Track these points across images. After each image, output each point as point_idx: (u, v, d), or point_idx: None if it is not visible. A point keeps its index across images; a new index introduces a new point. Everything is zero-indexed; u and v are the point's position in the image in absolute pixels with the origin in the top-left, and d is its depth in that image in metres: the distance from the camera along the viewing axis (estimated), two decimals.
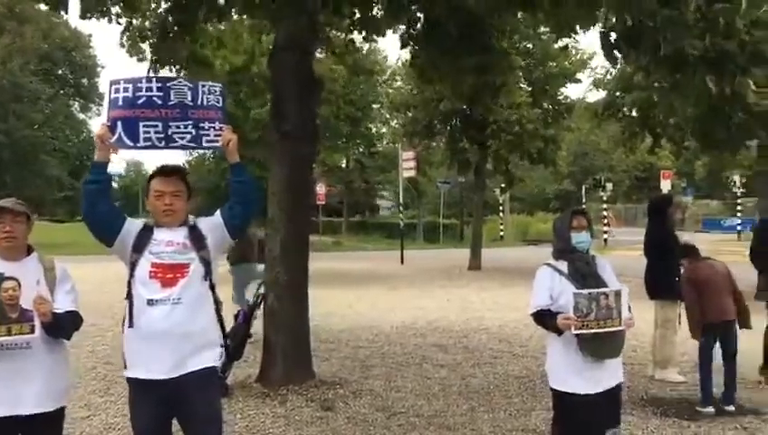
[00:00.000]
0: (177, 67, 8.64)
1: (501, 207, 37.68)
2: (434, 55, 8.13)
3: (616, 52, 5.59)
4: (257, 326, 6.85)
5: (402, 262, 21.75)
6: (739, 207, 35.56)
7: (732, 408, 5.73)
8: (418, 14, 7.89)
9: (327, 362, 7.64)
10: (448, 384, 6.73)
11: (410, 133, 22.35)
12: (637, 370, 7.17)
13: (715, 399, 5.80)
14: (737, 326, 5.99)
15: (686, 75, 5.56)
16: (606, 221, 31.79)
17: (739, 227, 34.13)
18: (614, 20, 5.10)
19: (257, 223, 8.33)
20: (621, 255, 19.99)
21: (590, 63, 20.56)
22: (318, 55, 12.92)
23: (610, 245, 28.31)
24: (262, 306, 6.75)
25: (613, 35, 5.46)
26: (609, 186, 33.32)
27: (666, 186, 28.78)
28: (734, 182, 34.54)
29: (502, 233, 36.45)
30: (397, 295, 14.12)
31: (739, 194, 35.03)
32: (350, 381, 6.77)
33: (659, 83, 6.53)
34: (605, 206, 32.43)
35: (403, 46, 8.61)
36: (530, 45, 19.53)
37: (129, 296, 3.24)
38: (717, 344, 5.94)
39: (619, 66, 10.17)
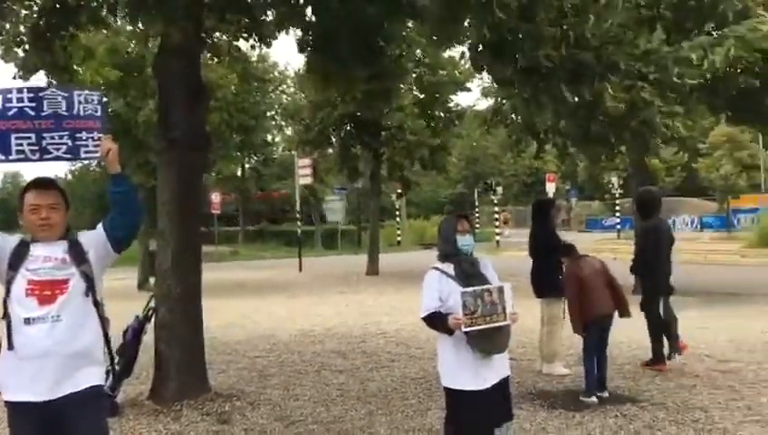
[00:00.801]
0: (48, 75, 8.23)
1: (397, 213, 38.26)
2: (327, 61, 8.17)
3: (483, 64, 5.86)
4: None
5: (301, 270, 21.65)
6: (617, 208, 37.82)
7: (606, 394, 6.10)
8: (312, 19, 7.90)
9: (223, 375, 7.49)
10: (347, 389, 6.77)
11: (304, 141, 22.30)
12: (525, 365, 7.48)
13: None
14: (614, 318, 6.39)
15: (545, 85, 5.92)
16: (498, 223, 33.00)
17: (618, 226, 36.29)
18: (484, 34, 5.33)
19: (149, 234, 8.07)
20: (512, 255, 20.80)
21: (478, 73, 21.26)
22: (209, 62, 12.69)
23: (502, 246, 29.34)
24: (153, 320, 6.54)
25: (481, 48, 5.71)
26: (500, 189, 34.60)
27: (551, 189, 30.21)
28: (613, 184, 36.73)
29: (399, 238, 36.98)
30: (295, 304, 14.04)
31: (617, 195, 37.28)
32: (248, 393, 6.68)
33: (520, 94, 6.89)
34: (496, 208, 33.63)
35: (301, 51, 8.60)
36: (420, 53, 19.96)
37: (6, 316, 3.08)
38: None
39: None
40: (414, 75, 19.01)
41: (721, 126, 36.87)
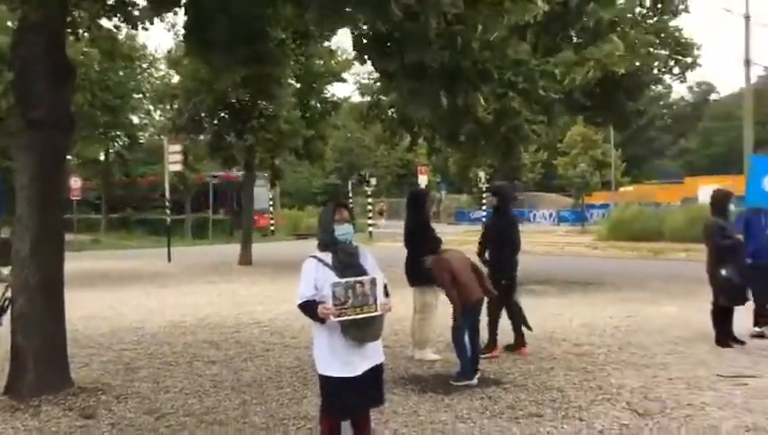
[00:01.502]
0: None
1: (271, 202, 37.80)
2: (205, 45, 7.92)
3: (367, 56, 5.97)
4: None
5: (170, 259, 20.89)
6: (484, 201, 39.47)
7: (475, 382, 6.42)
8: None
9: (87, 368, 7.14)
10: (220, 380, 6.67)
11: (176, 126, 21.47)
12: (398, 352, 7.70)
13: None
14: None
15: (424, 85, 6.14)
16: (372, 214, 33.45)
17: (484, 219, 37.86)
18: (364, 26, 5.41)
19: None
20: (386, 246, 21.23)
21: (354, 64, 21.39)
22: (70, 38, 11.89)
23: (376, 237, 29.80)
24: (9, 311, 6.12)
25: (366, 39, 5.80)
26: (373, 181, 35.08)
27: (422, 181, 31.01)
28: (480, 178, 38.29)
29: (272, 227, 36.56)
30: (164, 294, 13.56)
31: (484, 189, 38.90)
32: (114, 386, 6.41)
33: (399, 89, 7.07)
34: (370, 200, 34.07)
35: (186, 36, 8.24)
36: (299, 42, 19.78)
37: None
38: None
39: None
40: (292, 63, 18.80)
41: (577, 126, 39.44)
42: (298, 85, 20.49)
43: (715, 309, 8.04)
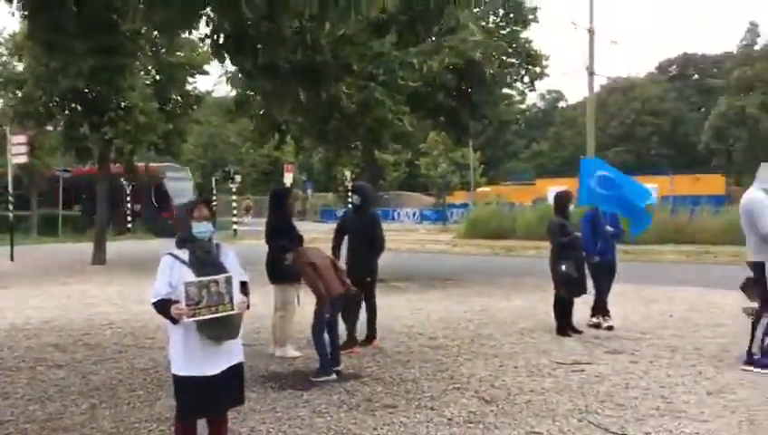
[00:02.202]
0: None
1: (128, 198, 36.07)
2: (48, 29, 7.45)
3: (225, 53, 5.91)
4: None
5: (12, 258, 19.40)
6: (349, 199, 39.90)
7: (333, 377, 6.53)
8: None
9: None
10: (66, 385, 6.34)
11: (21, 114, 19.92)
12: (259, 350, 7.67)
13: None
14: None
15: (282, 83, 6.19)
16: (237, 211, 32.80)
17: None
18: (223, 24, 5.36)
19: None
20: (251, 243, 20.90)
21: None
22: None
23: (241, 234, 29.28)
24: None
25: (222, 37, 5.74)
26: (238, 178, 34.37)
27: (288, 179, 30.86)
28: (346, 176, 38.65)
29: (129, 225, 34.91)
30: (6, 296, 12.59)
31: (349, 187, 39.34)
32: None
33: (260, 88, 7.08)
34: (234, 197, 33.40)
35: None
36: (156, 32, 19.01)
37: None
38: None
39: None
40: (150, 54, 18.03)
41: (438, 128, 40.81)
42: (158, 77, 19.69)
43: (556, 301, 8.68)
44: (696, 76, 60.87)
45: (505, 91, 15.02)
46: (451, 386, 6.27)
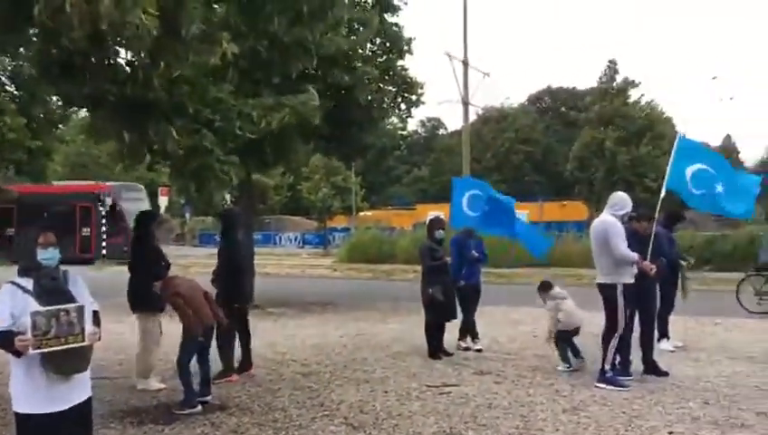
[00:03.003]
0: None
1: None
2: None
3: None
4: None
5: None
6: None
7: (199, 408, 6.31)
8: None
9: None
10: None
11: None
12: (121, 383, 7.27)
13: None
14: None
15: (108, 115, 6.04)
16: (105, 236, 31.08)
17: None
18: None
19: None
20: (118, 270, 19.90)
21: None
22: None
23: (107, 260, 27.84)
24: None
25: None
26: (109, 200, 32.68)
27: (163, 202, 29.75)
28: (225, 200, 37.79)
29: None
30: None
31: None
32: None
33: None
34: (104, 221, 31.68)
35: None
36: None
37: None
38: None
39: None
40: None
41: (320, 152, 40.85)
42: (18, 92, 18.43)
43: (427, 325, 8.86)
44: (563, 109, 64.84)
45: (383, 116, 15.33)
46: (320, 413, 6.21)
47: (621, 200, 7.35)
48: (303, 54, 6.88)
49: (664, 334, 8.96)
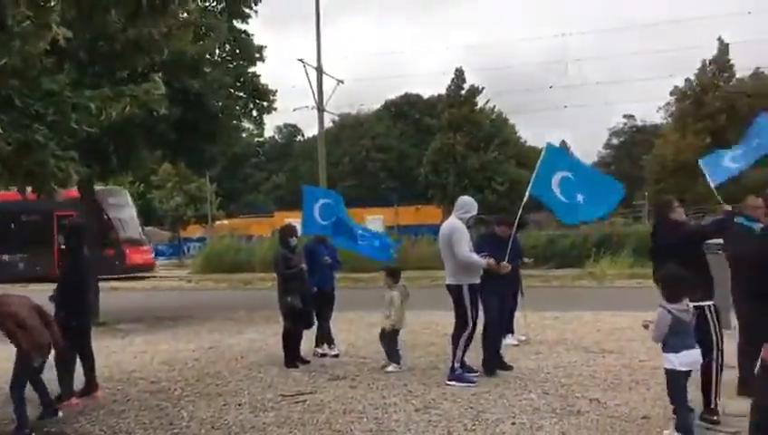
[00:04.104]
0: None
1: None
2: None
3: None
4: None
5: None
6: None
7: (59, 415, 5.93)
8: None
9: None
10: None
11: None
12: None
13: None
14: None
15: None
16: None
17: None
18: None
19: None
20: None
21: None
22: None
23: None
24: None
25: None
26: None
27: None
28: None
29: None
30: None
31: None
32: None
33: None
34: None
35: None
36: None
37: None
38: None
39: None
40: None
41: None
42: None
43: (284, 333, 8.77)
44: (417, 116, 66.90)
45: (236, 123, 15.03)
46: (169, 433, 5.95)
47: (467, 204, 7.67)
48: (147, 50, 6.57)
49: (508, 330, 9.45)
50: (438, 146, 43.44)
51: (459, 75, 44.23)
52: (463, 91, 44.05)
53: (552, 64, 71.30)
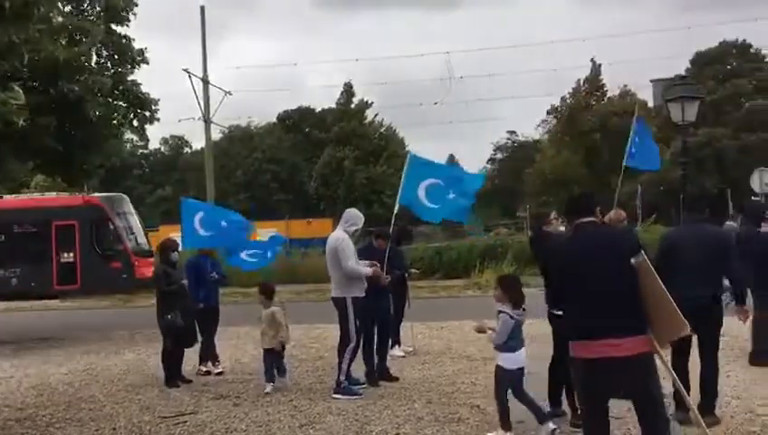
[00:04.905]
0: None
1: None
2: None
3: None
4: None
5: None
6: None
7: None
8: None
9: None
10: None
11: None
12: None
13: None
14: None
15: None
16: None
17: None
18: None
19: None
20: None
21: None
22: None
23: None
24: None
25: None
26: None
27: None
28: None
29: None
30: None
31: None
32: None
33: None
34: None
35: None
36: None
37: None
38: None
39: None
40: None
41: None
42: None
43: (164, 352, 8.43)
44: (308, 129, 66.68)
45: (116, 132, 14.42)
46: None
47: (353, 217, 7.71)
48: (4, 56, 6.19)
49: (396, 341, 9.55)
50: (328, 159, 43.53)
51: (348, 89, 44.62)
52: (352, 105, 44.42)
53: (438, 81, 73.39)
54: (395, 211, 8.52)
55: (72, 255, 23.58)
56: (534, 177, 44.66)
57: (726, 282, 6.04)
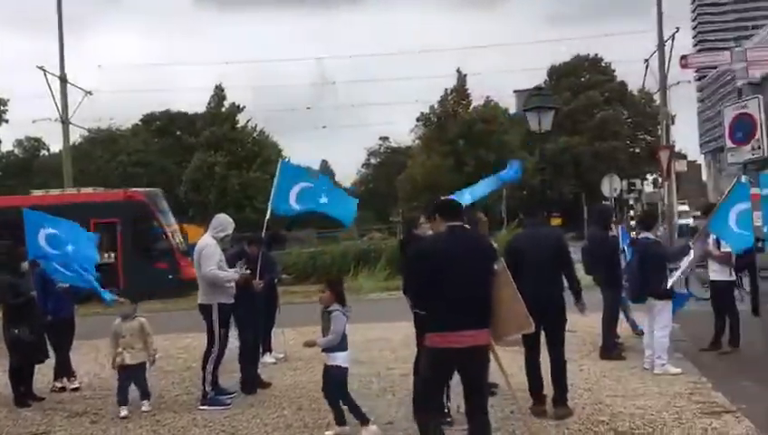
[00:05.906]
0: None
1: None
2: None
3: None
4: None
5: None
6: None
7: None
8: None
9: None
10: None
11: None
12: None
13: None
14: None
15: None
16: None
17: None
18: None
19: None
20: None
21: None
22: None
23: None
24: None
25: None
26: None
27: None
28: None
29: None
30: None
31: None
32: None
33: None
34: None
35: None
36: None
37: None
38: None
39: None
40: None
41: None
42: None
43: (11, 369, 7.82)
44: (179, 132, 64.37)
45: None
46: None
47: (222, 223, 7.54)
48: None
49: (266, 348, 9.41)
50: (198, 164, 42.28)
51: (219, 93, 43.56)
52: (223, 109, 43.43)
53: (315, 86, 73.25)
54: (267, 217, 8.46)
55: (113, 255, 20.98)
56: (406, 182, 45.64)
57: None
